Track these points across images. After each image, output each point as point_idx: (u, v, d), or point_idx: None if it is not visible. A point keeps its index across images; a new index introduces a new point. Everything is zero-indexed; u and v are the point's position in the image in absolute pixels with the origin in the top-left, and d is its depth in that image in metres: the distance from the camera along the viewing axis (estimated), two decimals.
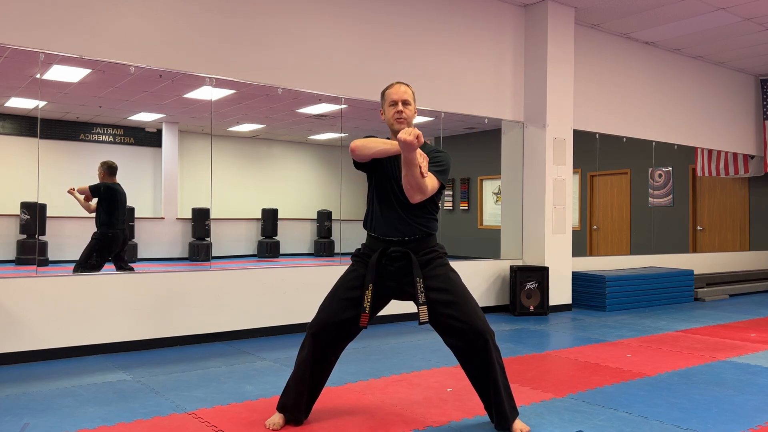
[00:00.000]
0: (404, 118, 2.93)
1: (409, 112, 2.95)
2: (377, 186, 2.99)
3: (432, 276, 2.91)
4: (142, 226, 12.15)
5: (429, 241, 2.96)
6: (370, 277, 2.90)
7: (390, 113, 2.95)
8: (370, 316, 2.91)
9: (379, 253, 2.93)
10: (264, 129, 13.46)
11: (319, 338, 2.95)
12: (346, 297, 2.95)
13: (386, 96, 2.99)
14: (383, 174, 2.98)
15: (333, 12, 5.72)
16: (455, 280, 2.94)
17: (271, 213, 13.79)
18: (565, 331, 5.79)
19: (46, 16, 4.40)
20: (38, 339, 4.37)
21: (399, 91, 2.95)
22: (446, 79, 6.48)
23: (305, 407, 3.01)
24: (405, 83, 3.01)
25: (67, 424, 3.01)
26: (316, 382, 3.01)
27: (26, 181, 10.84)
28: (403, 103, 2.94)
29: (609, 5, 6.95)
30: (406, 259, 2.91)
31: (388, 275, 2.94)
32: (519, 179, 7.18)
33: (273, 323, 5.39)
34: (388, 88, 3.00)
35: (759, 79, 10.00)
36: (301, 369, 2.96)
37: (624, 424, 3.07)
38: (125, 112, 11.44)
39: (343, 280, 3.03)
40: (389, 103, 2.96)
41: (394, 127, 2.96)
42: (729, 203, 10.56)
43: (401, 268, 2.92)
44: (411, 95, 2.98)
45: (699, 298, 8.15)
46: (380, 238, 2.95)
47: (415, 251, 2.92)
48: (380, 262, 2.93)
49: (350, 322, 2.94)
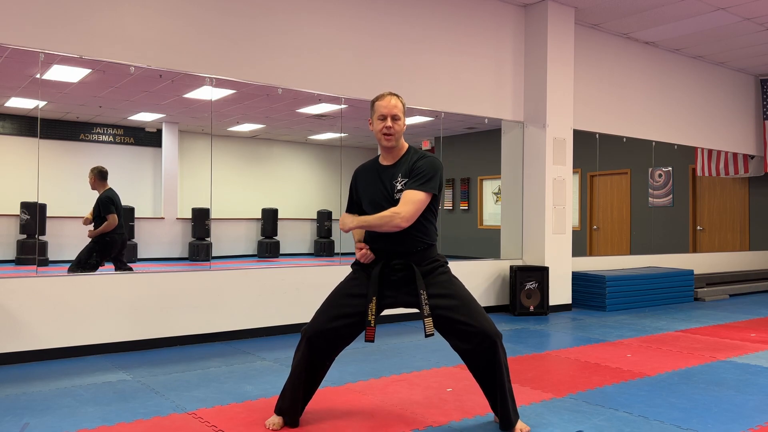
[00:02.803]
0: (392, 134, 2.92)
1: (398, 127, 2.93)
2: (370, 209, 2.98)
3: (434, 283, 2.91)
4: (142, 226, 12.15)
5: (430, 252, 2.97)
6: (373, 291, 2.90)
7: (378, 127, 2.94)
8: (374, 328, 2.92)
9: (382, 266, 2.94)
10: (264, 129, 13.47)
11: (314, 343, 2.94)
12: (344, 304, 2.95)
13: (376, 108, 2.96)
14: (374, 199, 2.97)
15: (333, 12, 5.72)
16: (458, 285, 2.95)
17: (271, 213, 13.79)
18: (565, 331, 5.78)
19: (46, 16, 4.40)
20: (38, 339, 4.37)
21: (389, 105, 2.92)
22: (446, 79, 6.48)
23: (300, 409, 3.02)
24: (396, 94, 2.97)
25: (67, 424, 3.01)
26: (310, 386, 3.02)
27: (26, 181, 10.85)
28: (393, 118, 2.92)
29: (609, 5, 6.94)
30: (407, 269, 2.92)
31: (389, 285, 2.95)
32: (519, 179, 7.18)
33: (273, 323, 5.39)
34: (378, 99, 2.96)
35: (759, 79, 10.00)
36: (296, 373, 2.96)
37: (624, 424, 3.07)
38: (125, 112, 11.45)
39: (342, 287, 3.03)
40: (378, 117, 2.94)
41: (382, 143, 2.95)
42: (729, 203, 10.56)
43: (403, 278, 2.93)
44: (401, 109, 2.95)
45: (699, 298, 8.15)
46: (381, 250, 2.95)
47: (417, 263, 2.92)
48: (382, 274, 2.94)
49: (346, 329, 2.94)
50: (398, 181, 2.92)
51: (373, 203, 2.97)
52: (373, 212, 2.94)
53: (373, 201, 2.97)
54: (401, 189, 2.89)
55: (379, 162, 3.04)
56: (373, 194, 2.99)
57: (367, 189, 3.02)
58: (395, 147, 2.97)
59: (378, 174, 3.00)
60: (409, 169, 2.91)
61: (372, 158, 3.12)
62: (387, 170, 2.98)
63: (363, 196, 3.05)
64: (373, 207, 2.96)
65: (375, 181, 3.00)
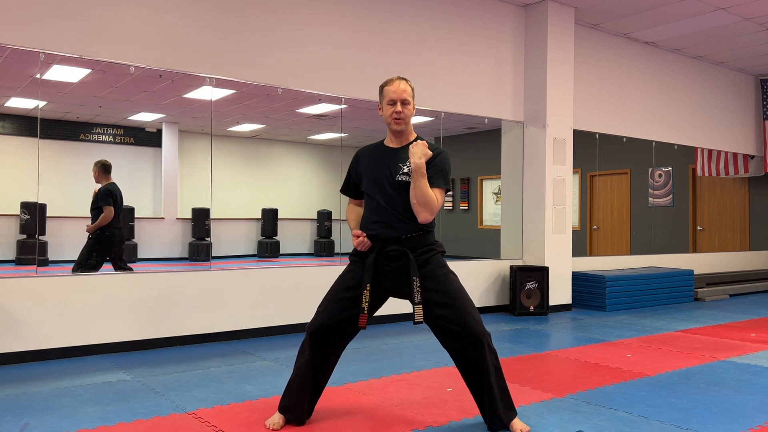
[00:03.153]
0: (402, 119, 2.93)
1: (407, 111, 2.94)
2: (371, 188, 2.99)
3: (430, 277, 2.89)
4: (142, 226, 12.15)
5: (427, 238, 2.95)
6: (367, 277, 2.88)
7: (388, 112, 2.94)
8: (368, 316, 2.91)
9: (377, 253, 2.92)
10: (264, 129, 13.47)
11: (318, 339, 2.94)
12: (344, 297, 2.94)
13: (385, 93, 2.96)
14: (375, 176, 2.98)
15: (333, 12, 5.72)
16: (453, 281, 2.92)
17: (271, 213, 13.79)
18: (565, 331, 5.78)
19: (46, 16, 4.40)
20: (38, 339, 4.37)
21: (398, 90, 2.92)
22: (446, 79, 6.48)
23: (308, 408, 3.00)
24: (404, 78, 2.98)
25: (67, 424, 3.01)
26: (317, 383, 3.01)
27: (26, 181, 10.85)
28: (402, 102, 2.92)
29: (609, 5, 6.95)
30: (403, 258, 2.90)
31: (386, 274, 2.93)
32: (519, 179, 7.18)
33: (273, 323, 5.39)
34: (387, 84, 2.96)
35: (759, 79, 10.00)
36: (302, 371, 2.95)
37: (624, 424, 3.07)
38: (125, 112, 11.45)
39: (340, 280, 3.02)
40: (388, 102, 2.94)
41: (392, 127, 2.96)
42: (729, 203, 10.56)
43: (399, 268, 2.91)
44: (410, 93, 2.95)
45: (699, 298, 8.15)
46: (377, 236, 2.94)
47: (413, 249, 2.90)
48: (377, 262, 2.93)
49: (349, 323, 2.93)
50: (405, 164, 2.92)
51: (375, 180, 2.97)
52: (374, 190, 2.95)
53: (375, 178, 2.97)
54: (406, 173, 2.89)
55: (384, 144, 3.05)
56: (374, 172, 2.98)
57: (369, 167, 3.02)
58: (404, 131, 2.98)
59: (382, 154, 3.01)
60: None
61: (375, 142, 3.13)
62: (392, 152, 2.98)
63: (364, 174, 3.03)
64: (374, 184, 2.96)
65: (378, 160, 3.00)
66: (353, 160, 3.14)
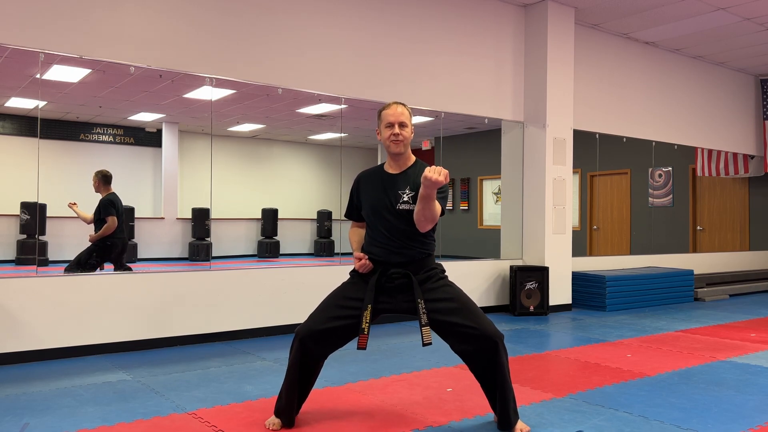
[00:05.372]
0: (401, 140, 2.95)
1: (406, 133, 2.97)
2: (371, 215, 3.01)
3: (432, 288, 2.93)
4: (142, 226, 12.15)
5: (428, 262, 2.99)
6: (368, 299, 2.91)
7: (386, 135, 2.97)
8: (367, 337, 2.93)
9: (379, 274, 2.95)
10: (264, 129, 13.47)
11: (307, 344, 2.95)
12: (340, 306, 2.96)
13: (383, 117, 2.99)
14: (375, 206, 2.99)
15: (333, 12, 5.72)
16: (456, 289, 2.98)
17: (271, 213, 13.79)
18: (565, 331, 5.78)
19: (46, 16, 4.40)
20: (38, 339, 4.37)
21: (396, 113, 2.95)
22: (446, 79, 6.48)
23: (296, 408, 3.02)
24: (402, 103, 3.01)
25: (67, 424, 3.01)
26: (304, 385, 3.03)
27: (26, 181, 10.85)
28: (400, 125, 2.95)
29: (609, 5, 6.95)
30: (405, 278, 2.93)
31: (386, 291, 2.97)
32: (519, 179, 7.18)
33: (273, 323, 5.39)
34: (385, 109, 3.00)
35: (759, 79, 10.00)
36: (290, 373, 2.97)
37: (624, 424, 3.07)
38: (125, 112, 11.45)
39: (339, 290, 3.04)
40: (386, 125, 2.97)
41: (391, 149, 2.98)
42: (729, 203, 10.56)
43: (400, 285, 2.95)
44: (407, 116, 2.98)
45: (699, 298, 8.15)
46: (378, 260, 2.97)
47: (415, 272, 2.94)
48: (379, 282, 2.95)
49: (339, 332, 2.95)
50: (405, 192, 2.94)
51: (375, 209, 2.99)
52: (375, 217, 2.98)
53: (375, 207, 2.99)
54: (407, 201, 2.91)
55: (384, 169, 3.06)
56: (374, 200, 3.00)
57: (370, 195, 3.04)
58: (403, 154, 3.00)
59: (382, 181, 3.02)
60: (417, 183, 2.91)
61: (375, 165, 3.15)
62: (392, 178, 3.00)
63: (364, 201, 3.06)
64: (374, 213, 2.99)
65: (378, 187, 3.02)
66: (354, 184, 3.17)
